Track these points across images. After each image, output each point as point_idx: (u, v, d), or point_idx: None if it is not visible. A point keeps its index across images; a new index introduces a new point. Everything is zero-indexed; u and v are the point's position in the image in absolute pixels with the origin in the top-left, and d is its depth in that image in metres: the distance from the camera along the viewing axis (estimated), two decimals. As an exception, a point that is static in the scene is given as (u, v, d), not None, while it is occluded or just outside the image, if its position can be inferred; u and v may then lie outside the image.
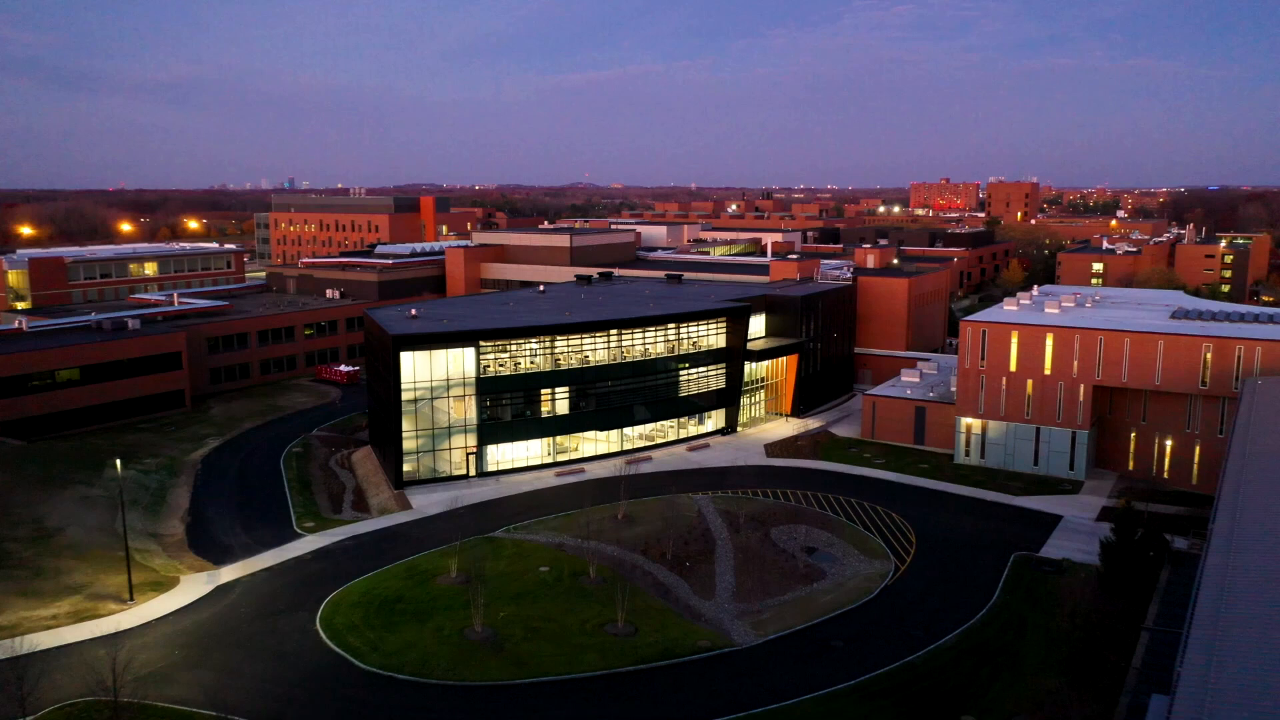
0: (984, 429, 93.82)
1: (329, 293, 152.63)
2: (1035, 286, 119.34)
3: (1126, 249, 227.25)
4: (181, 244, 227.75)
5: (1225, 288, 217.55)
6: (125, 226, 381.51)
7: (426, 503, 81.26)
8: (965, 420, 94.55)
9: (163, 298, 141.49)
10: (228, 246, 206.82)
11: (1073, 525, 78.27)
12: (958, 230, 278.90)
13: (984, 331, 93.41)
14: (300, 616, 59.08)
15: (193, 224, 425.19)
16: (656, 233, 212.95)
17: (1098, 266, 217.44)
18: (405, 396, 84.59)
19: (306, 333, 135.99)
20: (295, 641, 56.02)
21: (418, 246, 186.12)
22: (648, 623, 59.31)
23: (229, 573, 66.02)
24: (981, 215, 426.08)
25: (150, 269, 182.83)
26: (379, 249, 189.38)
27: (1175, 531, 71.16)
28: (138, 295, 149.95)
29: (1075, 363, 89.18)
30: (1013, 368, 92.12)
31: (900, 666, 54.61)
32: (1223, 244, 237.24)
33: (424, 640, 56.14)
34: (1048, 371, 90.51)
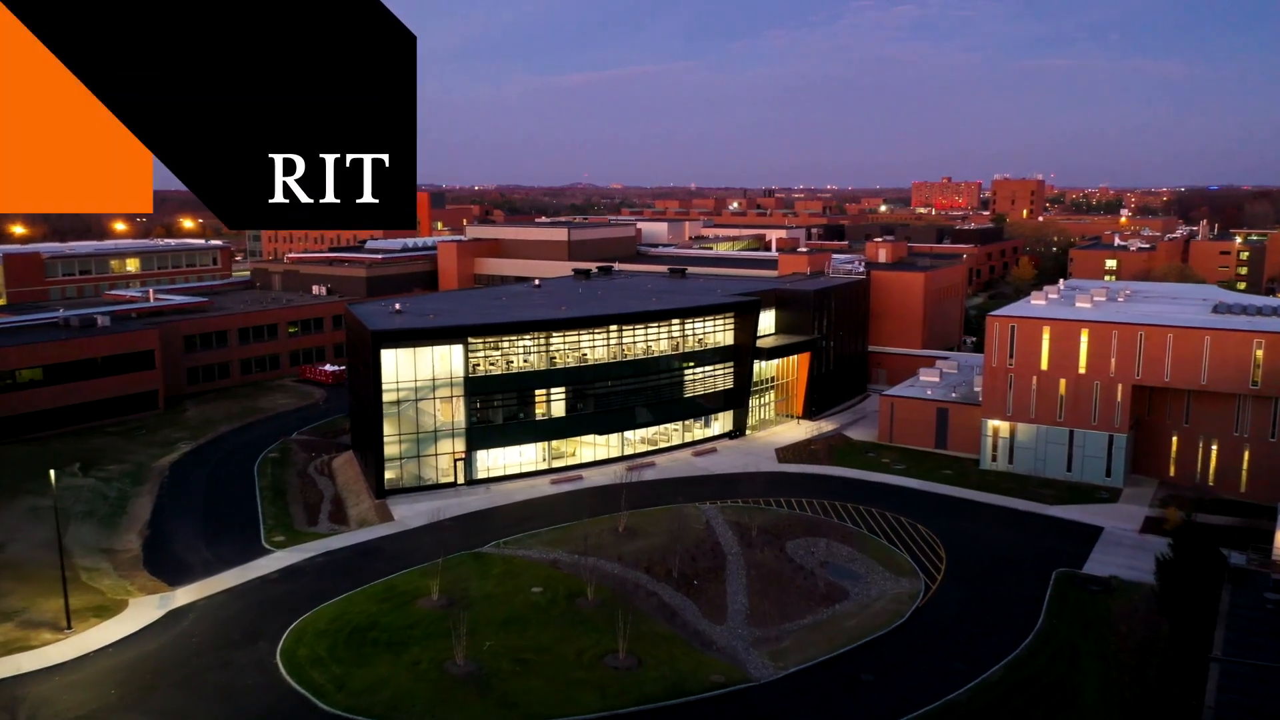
0: (1012, 432, 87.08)
1: (315, 289, 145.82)
2: (1061, 280, 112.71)
3: (1140, 245, 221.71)
4: (166, 240, 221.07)
5: (1241, 285, 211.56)
6: (119, 225, 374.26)
7: (410, 514, 74.46)
8: (992, 423, 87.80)
9: (139, 294, 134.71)
10: (214, 242, 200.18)
11: (1115, 538, 71.54)
12: (966, 227, 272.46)
13: (1012, 327, 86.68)
14: (259, 647, 52.20)
15: (188, 223, 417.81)
16: (657, 229, 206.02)
17: (1111, 263, 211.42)
18: (387, 398, 77.77)
19: (290, 330, 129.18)
20: (251, 677, 49.15)
21: (409, 242, 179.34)
22: (653, 653, 52.54)
23: (184, 595, 59.13)
24: (986, 214, 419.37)
25: (132, 265, 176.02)
26: (369, 244, 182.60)
27: (1230, 545, 64.38)
28: (115, 291, 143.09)
29: (1113, 360, 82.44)
30: (1044, 366, 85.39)
31: (942, 706, 47.78)
32: (1238, 240, 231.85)
33: (398, 676, 49.28)
34: (1082, 370, 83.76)
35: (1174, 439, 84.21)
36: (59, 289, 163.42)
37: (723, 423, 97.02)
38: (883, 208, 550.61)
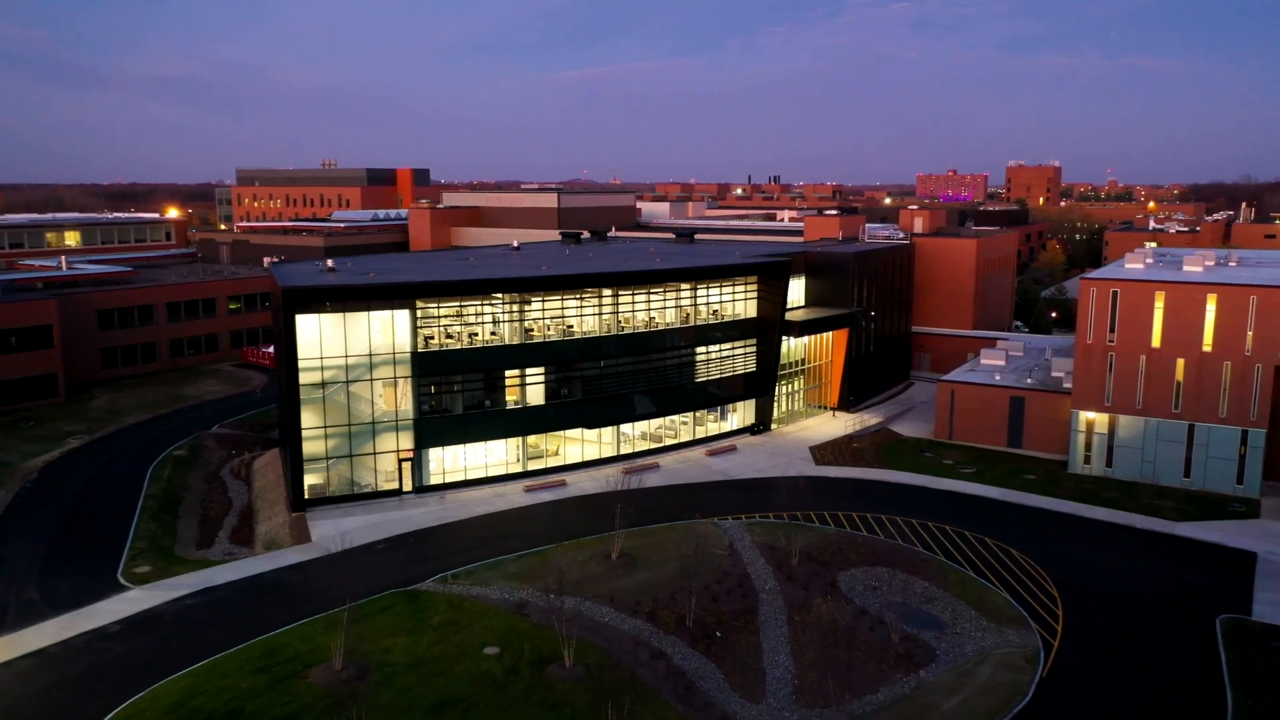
0: (1111, 427, 68.64)
1: (267, 261, 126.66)
2: (1147, 244, 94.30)
3: (1179, 229, 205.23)
4: (114, 213, 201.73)
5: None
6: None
7: (333, 532, 55.89)
8: (1085, 415, 69.37)
9: (51, 263, 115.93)
10: (168, 215, 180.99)
11: (1277, 567, 53.17)
12: (990, 209, 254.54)
13: (1114, 293, 68.12)
14: (43, 757, 33.62)
15: (172, 211, 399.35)
16: (658, 209, 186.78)
17: (1151, 246, 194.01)
18: (305, 379, 59.09)
19: (231, 307, 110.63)
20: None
21: (380, 213, 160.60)
22: (660, 760, 34.10)
23: (-31, 660, 40.52)
24: (996, 204, 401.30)
25: (71, 239, 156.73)
26: (335, 215, 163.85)
27: None
28: (28, 262, 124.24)
29: (1249, 334, 64.02)
30: (1155, 343, 66.93)
31: None
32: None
33: (250, 813, 30.80)
34: (1208, 347, 65.30)
35: (1323, 436, 65.85)
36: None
37: (743, 414, 78.46)
38: (886, 200, 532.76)
